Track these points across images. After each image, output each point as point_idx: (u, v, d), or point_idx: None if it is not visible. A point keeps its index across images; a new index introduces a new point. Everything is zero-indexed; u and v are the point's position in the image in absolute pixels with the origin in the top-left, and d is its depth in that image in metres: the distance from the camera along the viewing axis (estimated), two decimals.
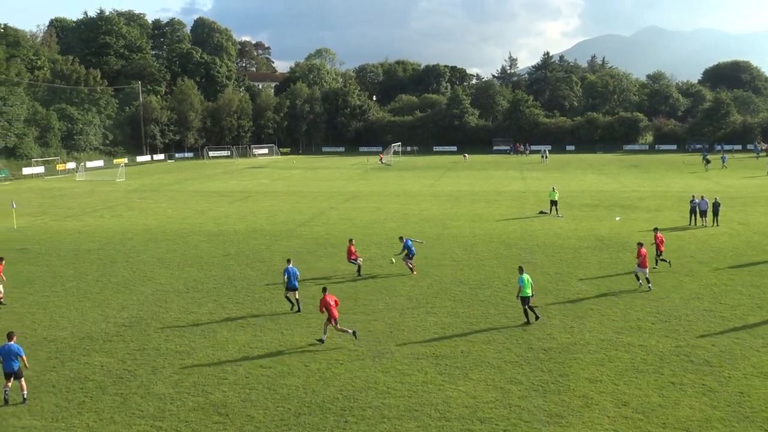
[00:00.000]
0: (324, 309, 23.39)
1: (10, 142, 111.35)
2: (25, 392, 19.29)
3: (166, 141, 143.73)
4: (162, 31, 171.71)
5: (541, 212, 53.10)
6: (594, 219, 49.65)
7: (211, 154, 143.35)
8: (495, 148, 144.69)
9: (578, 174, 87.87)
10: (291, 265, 27.76)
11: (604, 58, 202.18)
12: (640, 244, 30.20)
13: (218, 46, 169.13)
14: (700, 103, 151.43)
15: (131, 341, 23.94)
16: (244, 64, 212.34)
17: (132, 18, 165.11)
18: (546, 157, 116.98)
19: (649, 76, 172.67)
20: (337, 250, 39.51)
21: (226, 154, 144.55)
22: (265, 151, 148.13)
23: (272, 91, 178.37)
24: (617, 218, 49.50)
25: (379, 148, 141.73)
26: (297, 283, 27.55)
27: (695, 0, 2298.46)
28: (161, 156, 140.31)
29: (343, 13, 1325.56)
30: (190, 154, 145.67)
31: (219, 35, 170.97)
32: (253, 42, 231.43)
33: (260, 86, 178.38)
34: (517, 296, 25.40)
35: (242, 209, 58.73)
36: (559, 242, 41.04)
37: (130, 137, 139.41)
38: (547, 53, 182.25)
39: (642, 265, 29.54)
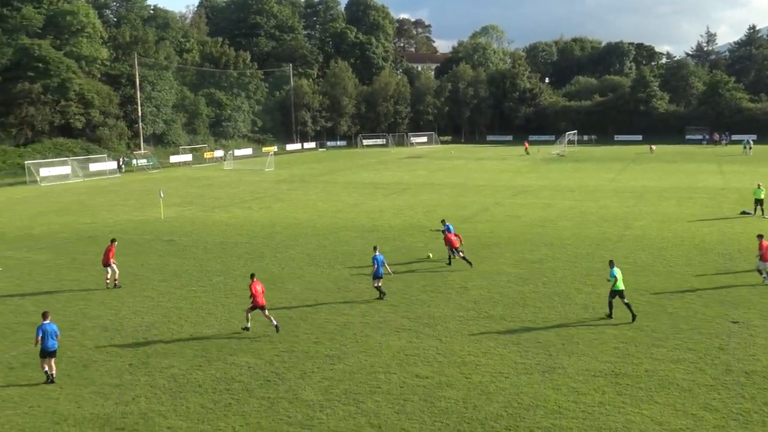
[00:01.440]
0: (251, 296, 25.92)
1: (158, 128, 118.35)
2: (53, 371, 21.54)
3: (318, 128, 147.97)
4: (315, 10, 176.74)
5: (744, 212, 50.50)
6: None
7: (365, 142, 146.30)
8: (687, 137, 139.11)
9: None
10: (378, 253, 30.21)
11: None
12: (761, 237, 31.35)
13: (374, 24, 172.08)
14: None
15: (279, 342, 24.79)
16: (402, 44, 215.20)
17: None
18: (749, 148, 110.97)
19: None
20: (502, 250, 39.24)
21: (381, 143, 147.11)
22: (424, 139, 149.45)
23: (432, 73, 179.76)
24: None
25: (552, 137, 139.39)
26: (383, 271, 29.94)
27: None
28: (312, 144, 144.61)
29: None
30: (343, 143, 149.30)
31: (375, 13, 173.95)
32: (412, 20, 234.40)
33: (419, 68, 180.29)
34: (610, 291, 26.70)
35: (398, 203, 59.52)
36: None
37: (280, 124, 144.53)
38: (753, 27, 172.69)
39: (763, 258, 30.92)
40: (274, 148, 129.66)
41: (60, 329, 23.11)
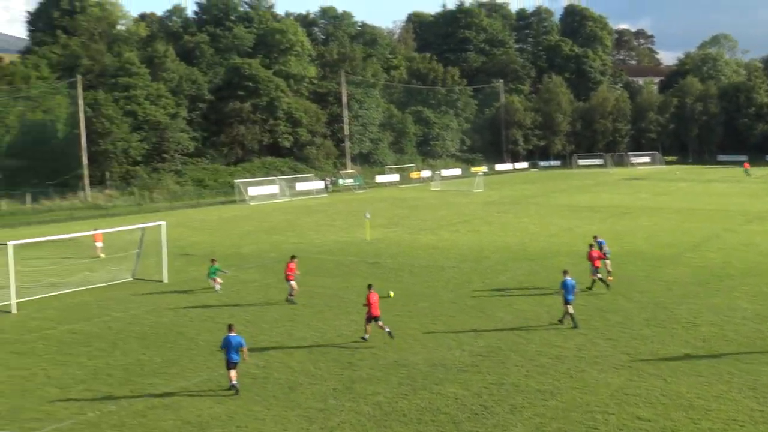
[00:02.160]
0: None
1: (365, 147, 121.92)
2: (235, 381, 23.18)
3: (530, 147, 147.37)
4: (527, 22, 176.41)
5: None
6: None
7: (580, 162, 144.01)
8: None
9: None
10: (568, 278, 30.39)
11: None
12: None
13: (591, 36, 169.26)
14: None
15: (488, 373, 24.68)
16: (621, 57, 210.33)
17: (494, 9, 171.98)
18: None
19: None
20: (736, 282, 37.23)
21: (598, 163, 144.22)
22: (646, 159, 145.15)
23: (655, 87, 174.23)
24: None
25: None
26: (572, 298, 30.16)
27: None
28: (523, 164, 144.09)
29: None
30: (556, 163, 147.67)
31: (592, 24, 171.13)
32: (633, 30, 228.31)
33: (641, 82, 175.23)
34: None
35: (617, 227, 57.99)
36: None
37: (489, 143, 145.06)
38: None
39: None
40: (484, 168, 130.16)
41: (266, 349, 24.28)
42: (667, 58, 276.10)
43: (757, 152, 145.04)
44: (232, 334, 23.59)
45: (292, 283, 35.37)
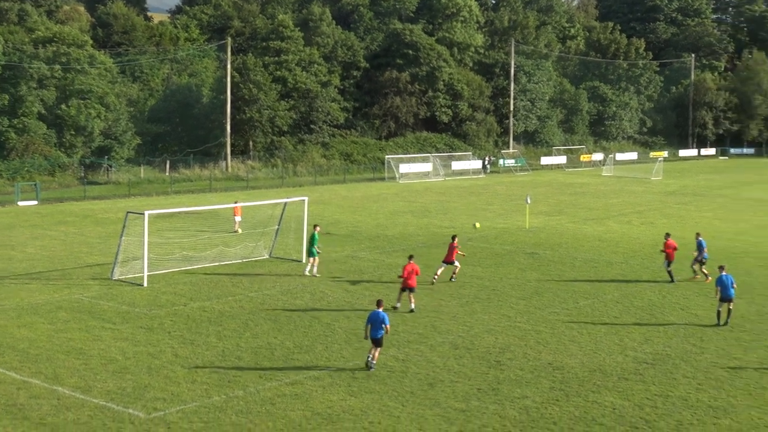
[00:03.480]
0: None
1: (530, 125, 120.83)
2: (375, 360, 24.64)
3: (720, 131, 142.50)
4: None
5: None
6: None
7: None
8: None
9: None
10: (725, 273, 30.72)
11: None
12: None
13: None
14: None
15: (652, 384, 24.15)
16: None
17: None
18: None
19: None
20: None
21: None
22: None
23: None
24: None
25: None
26: (733, 293, 30.47)
27: None
28: (711, 151, 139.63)
29: None
30: (750, 150, 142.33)
31: None
32: None
33: None
34: None
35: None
36: None
37: (674, 125, 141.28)
38: None
39: None
40: (664, 154, 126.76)
41: (407, 342, 24.60)
42: None
43: None
44: (379, 309, 24.70)
45: (454, 263, 37.22)
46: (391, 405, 22.04)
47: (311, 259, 38.25)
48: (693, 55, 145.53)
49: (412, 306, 31.62)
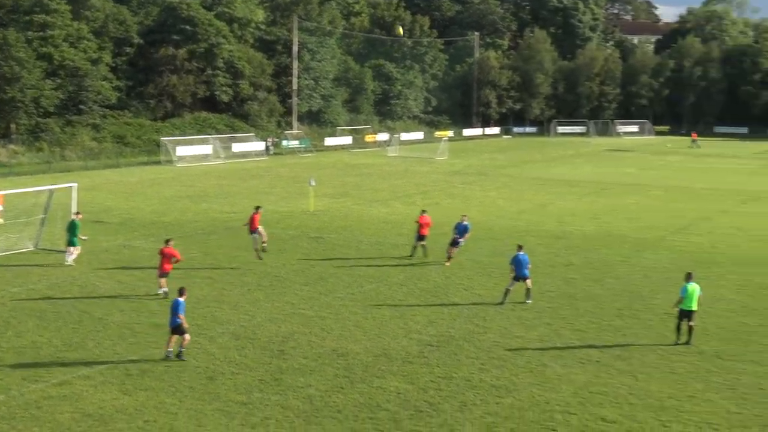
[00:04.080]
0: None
1: (315, 104, 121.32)
2: (171, 349, 25.09)
3: (504, 110, 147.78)
4: None
5: None
6: None
7: (559, 129, 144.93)
8: None
9: None
10: (522, 252, 32.36)
11: None
12: None
13: None
14: None
15: (437, 366, 24.94)
16: (615, 11, 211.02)
17: None
18: None
19: None
20: (723, 270, 37.91)
21: (579, 131, 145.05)
22: (634, 129, 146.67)
23: (651, 47, 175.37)
24: None
25: None
26: (527, 272, 32.22)
27: None
28: (495, 130, 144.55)
29: None
30: (533, 129, 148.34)
31: None
32: None
33: (635, 41, 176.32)
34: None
35: (595, 206, 58.72)
36: None
37: (459, 105, 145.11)
38: None
39: None
40: (450, 133, 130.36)
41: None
42: (668, 14, 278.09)
43: (759, 124, 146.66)
44: (180, 299, 25.39)
45: (258, 232, 38.33)
46: (168, 402, 21.77)
47: (71, 248, 37.25)
48: (477, 33, 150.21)
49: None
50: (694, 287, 27.33)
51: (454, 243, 38.90)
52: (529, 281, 32.20)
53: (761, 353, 26.56)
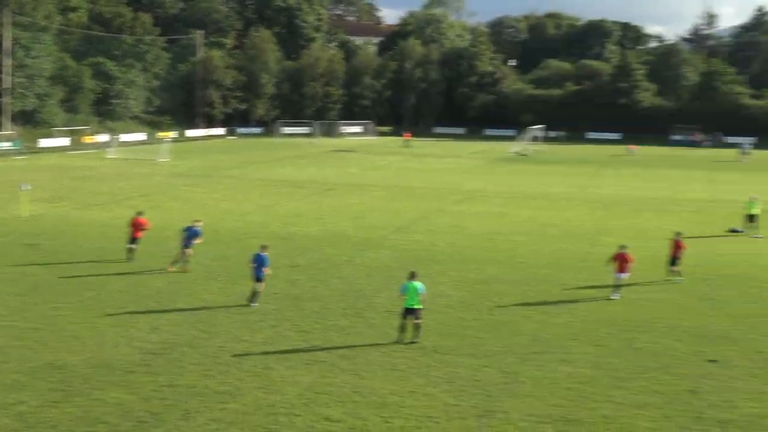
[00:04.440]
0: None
1: (28, 104, 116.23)
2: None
3: (229, 111, 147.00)
4: None
5: (733, 230, 51.63)
6: None
7: (285, 130, 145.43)
8: (673, 137, 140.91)
9: None
10: (265, 253, 32.78)
11: None
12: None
13: None
14: None
15: (160, 374, 24.54)
16: (339, 12, 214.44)
17: None
18: (747, 153, 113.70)
19: None
20: (443, 267, 39.45)
21: (305, 132, 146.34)
22: (358, 129, 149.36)
23: (374, 49, 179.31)
24: None
25: (513, 132, 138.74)
26: (263, 274, 32.48)
27: None
28: (220, 130, 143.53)
29: None
30: (258, 130, 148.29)
31: None
32: None
33: (359, 42, 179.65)
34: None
35: (320, 206, 59.55)
36: (755, 273, 39.80)
37: (182, 105, 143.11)
38: (761, 9, 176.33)
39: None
40: (173, 134, 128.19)
41: None
42: (390, 16, 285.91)
43: (475, 125, 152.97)
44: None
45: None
46: None
47: None
48: (201, 31, 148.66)
49: None
50: (415, 285, 28.25)
51: (185, 247, 38.39)
52: (262, 284, 32.46)
53: (476, 346, 27.90)
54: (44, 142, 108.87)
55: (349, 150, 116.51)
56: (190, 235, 38.46)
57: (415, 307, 28.22)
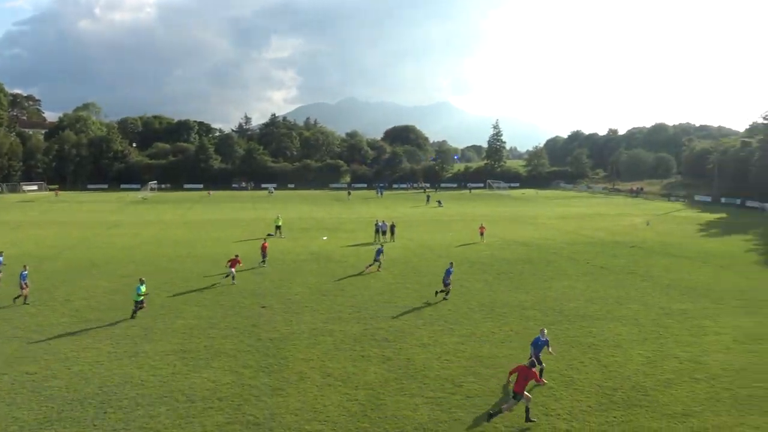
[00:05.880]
0: None
1: None
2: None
3: None
4: None
5: (269, 235, 52.98)
6: (308, 239, 50.69)
7: None
8: (233, 185, 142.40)
9: (296, 205, 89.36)
10: (25, 270, 28.35)
11: (315, 119, 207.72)
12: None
13: None
14: (382, 154, 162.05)
15: None
16: (15, 113, 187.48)
17: None
18: (272, 192, 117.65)
19: (347, 134, 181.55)
20: (101, 271, 36.16)
21: None
22: (35, 187, 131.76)
23: (42, 136, 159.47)
24: (324, 238, 51.01)
25: (138, 186, 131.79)
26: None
27: (379, 80, 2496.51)
28: None
29: (109, 74, 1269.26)
30: None
31: None
32: (25, 94, 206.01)
33: (31, 132, 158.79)
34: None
35: (13, 237, 51.60)
36: (282, 257, 41.31)
37: None
38: (274, 114, 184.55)
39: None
40: None
41: None
42: (52, 116, 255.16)
43: (114, 182, 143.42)
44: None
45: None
46: None
47: None
48: None
49: None
50: (141, 287, 25.73)
51: None
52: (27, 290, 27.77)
53: (113, 315, 25.94)
54: None
55: (30, 201, 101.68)
56: None
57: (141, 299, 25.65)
